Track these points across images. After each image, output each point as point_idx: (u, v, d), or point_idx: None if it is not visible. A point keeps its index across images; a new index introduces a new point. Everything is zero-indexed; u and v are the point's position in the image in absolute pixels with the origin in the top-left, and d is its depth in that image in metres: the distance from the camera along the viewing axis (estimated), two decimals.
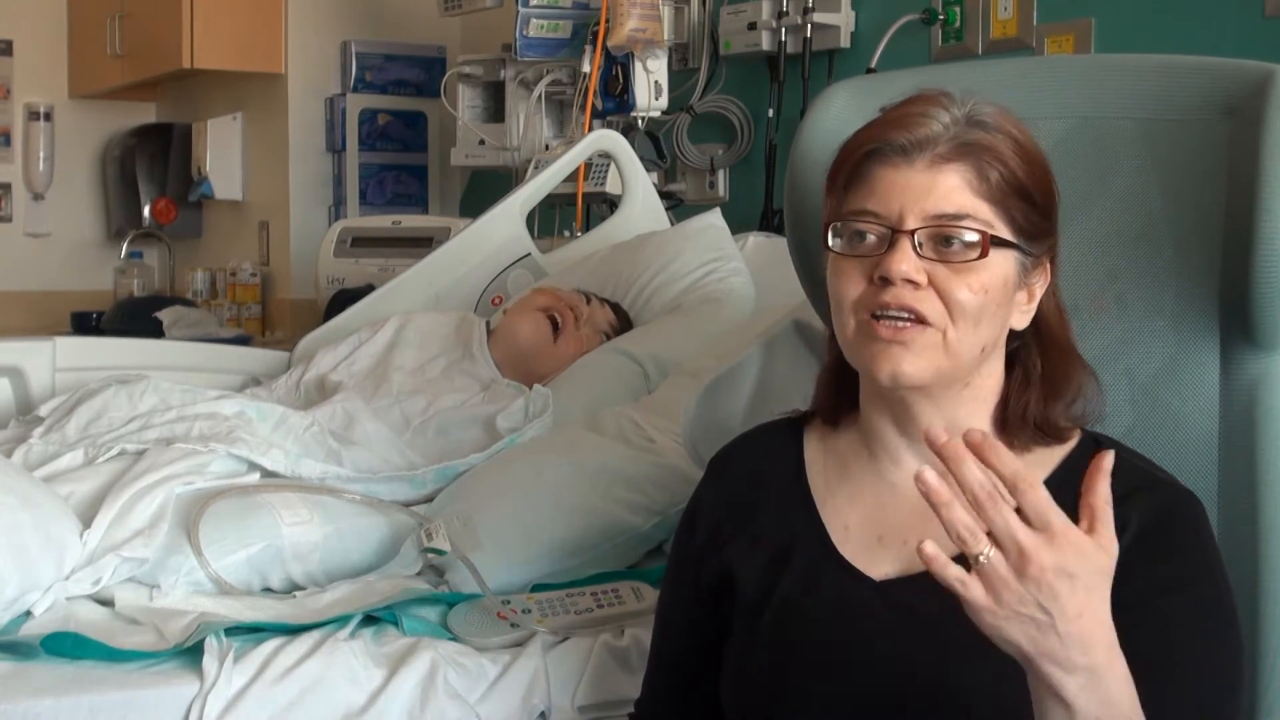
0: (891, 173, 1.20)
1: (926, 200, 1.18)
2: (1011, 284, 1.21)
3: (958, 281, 1.18)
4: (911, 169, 1.19)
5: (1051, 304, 1.27)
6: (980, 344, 1.20)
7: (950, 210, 1.18)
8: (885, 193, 1.20)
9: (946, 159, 1.19)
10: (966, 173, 1.19)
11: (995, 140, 1.20)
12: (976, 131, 1.20)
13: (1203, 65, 1.40)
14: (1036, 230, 1.22)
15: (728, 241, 2.73)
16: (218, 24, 4.33)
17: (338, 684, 1.55)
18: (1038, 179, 1.23)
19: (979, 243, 1.18)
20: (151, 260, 5.32)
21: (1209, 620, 1.16)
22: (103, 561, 1.70)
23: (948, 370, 1.20)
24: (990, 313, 1.20)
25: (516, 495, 1.91)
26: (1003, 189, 1.20)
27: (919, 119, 1.20)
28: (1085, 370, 1.27)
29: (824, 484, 1.32)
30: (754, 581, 1.29)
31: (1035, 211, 1.22)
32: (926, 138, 1.19)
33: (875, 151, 1.21)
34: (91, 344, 2.70)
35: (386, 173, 4.47)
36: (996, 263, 1.19)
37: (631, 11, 3.16)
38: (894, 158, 1.20)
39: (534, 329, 2.45)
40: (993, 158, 1.19)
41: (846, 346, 1.24)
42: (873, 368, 1.20)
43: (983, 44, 2.84)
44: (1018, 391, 1.25)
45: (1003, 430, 1.25)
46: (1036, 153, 1.24)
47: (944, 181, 1.19)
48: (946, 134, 1.20)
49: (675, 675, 1.40)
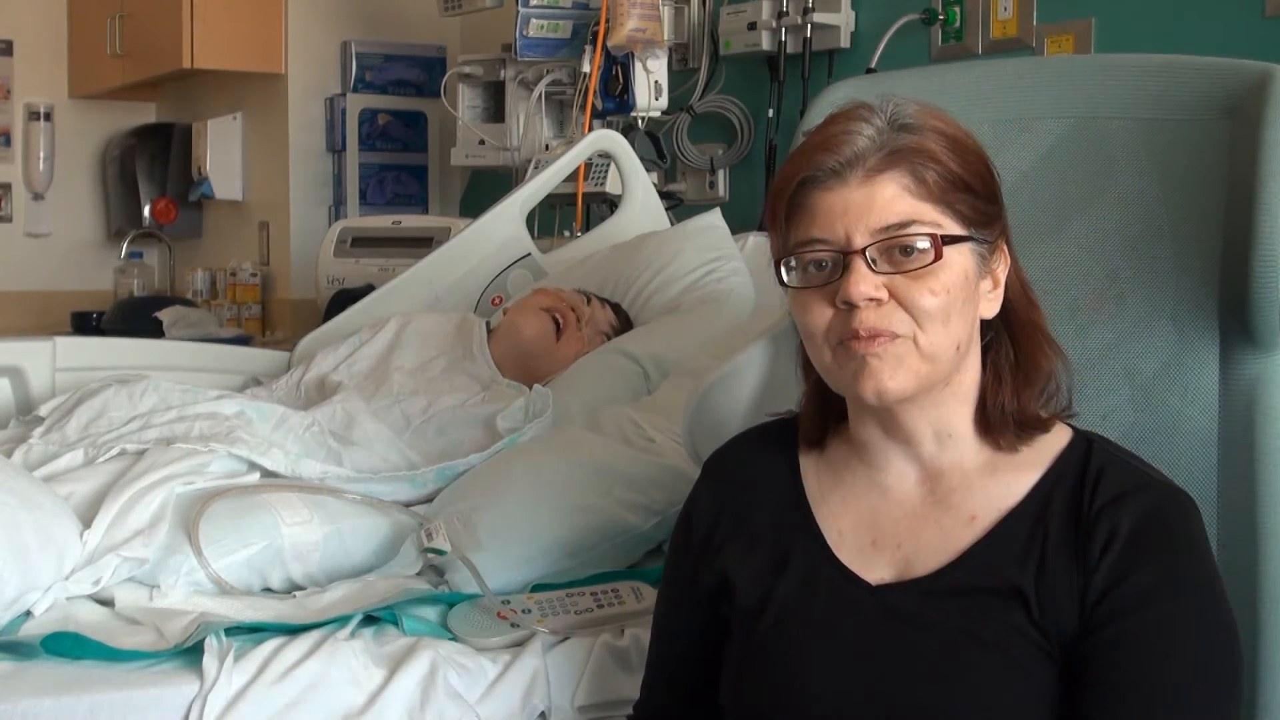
0: (829, 196, 1.19)
1: (869, 215, 1.18)
2: (973, 277, 1.21)
3: (918, 288, 1.18)
4: (847, 188, 1.19)
5: (1016, 284, 1.26)
6: (954, 342, 1.20)
7: (895, 220, 1.18)
8: (826, 217, 1.19)
9: (879, 170, 1.18)
10: (902, 179, 1.19)
11: (923, 140, 1.20)
12: (903, 136, 1.20)
13: (1203, 65, 1.40)
14: (984, 217, 1.22)
15: (728, 241, 2.73)
16: (218, 24, 4.33)
17: (338, 684, 1.55)
18: (974, 168, 1.22)
19: (931, 247, 1.18)
20: (151, 260, 5.32)
21: (1203, 622, 1.16)
22: (103, 561, 1.70)
23: (928, 375, 1.20)
24: (957, 310, 1.19)
25: (516, 495, 1.91)
26: (941, 186, 1.19)
27: (843, 137, 1.20)
28: (1054, 350, 1.26)
29: (818, 488, 1.32)
30: (751, 585, 1.29)
31: (979, 199, 1.21)
32: (855, 154, 1.19)
33: (808, 179, 1.20)
34: (91, 344, 2.70)
35: (386, 173, 4.47)
36: (954, 260, 1.19)
37: (631, 11, 3.16)
38: (828, 181, 1.19)
39: (535, 329, 2.44)
40: (925, 158, 1.19)
41: (827, 374, 1.24)
42: (856, 387, 1.20)
43: (983, 44, 2.84)
44: (993, 387, 1.25)
45: (986, 431, 1.25)
46: (967, 140, 1.23)
47: (882, 192, 1.18)
48: (874, 145, 1.19)
49: (673, 678, 1.40)
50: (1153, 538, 1.17)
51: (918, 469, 1.27)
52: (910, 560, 1.24)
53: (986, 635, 1.18)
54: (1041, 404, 1.26)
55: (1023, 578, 1.19)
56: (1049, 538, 1.20)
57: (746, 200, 3.36)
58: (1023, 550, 1.20)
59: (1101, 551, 1.17)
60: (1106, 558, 1.17)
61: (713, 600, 1.33)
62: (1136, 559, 1.16)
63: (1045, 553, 1.19)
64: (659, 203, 3.06)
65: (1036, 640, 1.17)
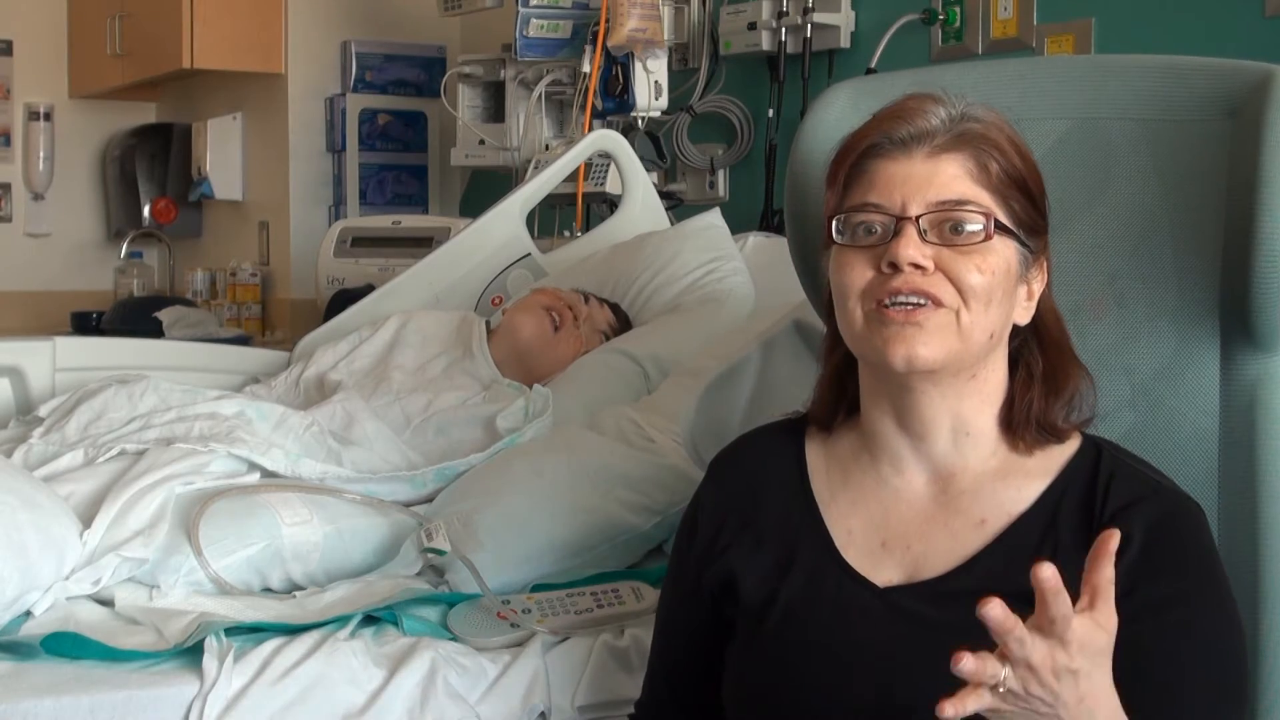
0: (891, 165, 1.22)
1: (928, 189, 1.20)
2: (1014, 273, 1.22)
3: (965, 263, 1.19)
4: (911, 160, 1.21)
5: (1049, 306, 1.28)
6: (990, 329, 1.21)
7: (952, 197, 1.19)
8: (886, 185, 1.21)
9: (945, 149, 1.21)
10: (966, 162, 1.21)
11: (991, 132, 1.23)
12: (973, 124, 1.22)
13: (1203, 65, 1.40)
14: (1034, 225, 1.24)
15: (728, 241, 2.73)
16: (218, 24, 4.33)
17: (338, 684, 1.55)
18: (1033, 174, 1.25)
19: (983, 228, 1.19)
20: (151, 260, 5.32)
21: (1214, 629, 1.16)
22: (103, 561, 1.70)
23: (959, 353, 1.20)
24: (998, 297, 1.20)
25: (516, 495, 1.91)
26: (1002, 179, 1.22)
27: (916, 113, 1.22)
28: (1082, 371, 1.28)
29: (826, 489, 1.31)
30: (757, 586, 1.29)
31: (1032, 206, 1.24)
32: (925, 130, 1.21)
33: (874, 146, 1.23)
34: (91, 344, 2.70)
35: (386, 173, 4.47)
36: (999, 248, 1.20)
37: (631, 11, 3.16)
38: (893, 151, 1.22)
39: (534, 328, 2.44)
40: (991, 147, 1.22)
41: (854, 338, 1.24)
42: (886, 352, 1.20)
43: (983, 44, 2.84)
44: (1022, 389, 1.25)
45: (1008, 430, 1.25)
46: (1029, 152, 1.26)
47: (944, 170, 1.20)
48: (944, 127, 1.22)
49: (675, 678, 1.40)
50: (1164, 546, 1.17)
51: (928, 469, 1.26)
52: (919, 563, 1.24)
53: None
54: (1064, 415, 1.26)
55: None
56: (1059, 544, 1.20)
57: (746, 200, 3.35)
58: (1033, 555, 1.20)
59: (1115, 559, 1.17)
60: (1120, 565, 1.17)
61: (716, 600, 1.33)
62: (1147, 568, 1.16)
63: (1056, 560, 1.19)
64: (659, 203, 3.06)
65: None
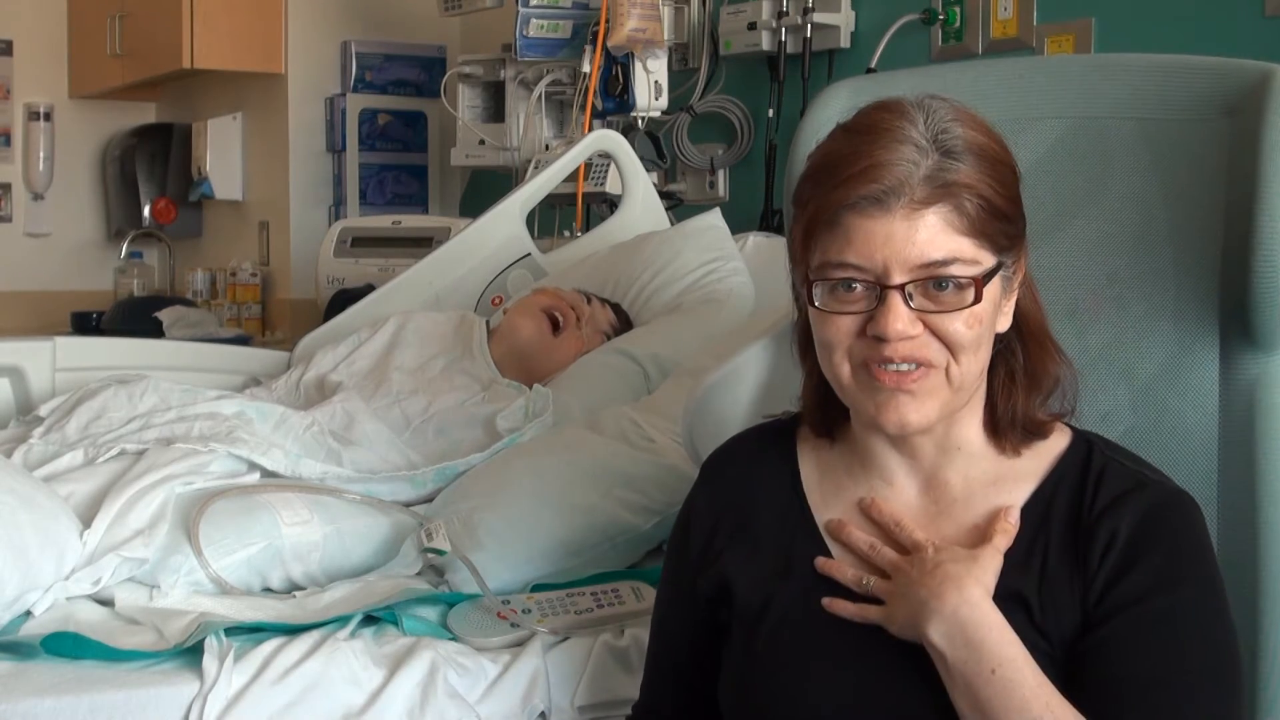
0: (869, 223, 1.16)
1: (909, 250, 1.15)
2: (998, 301, 1.21)
3: (953, 320, 1.17)
4: (890, 217, 1.15)
5: (1026, 291, 1.26)
6: (980, 368, 1.21)
7: (937, 257, 1.15)
8: (866, 245, 1.16)
9: (924, 203, 1.15)
10: (945, 213, 1.16)
11: (966, 171, 1.16)
12: (948, 164, 1.16)
13: (1203, 65, 1.40)
14: (1013, 240, 1.21)
15: (728, 241, 2.73)
16: (218, 24, 4.33)
17: (338, 684, 1.55)
18: (1008, 190, 1.20)
19: (972, 290, 1.16)
20: (151, 260, 5.32)
21: (1202, 618, 1.16)
22: (103, 561, 1.70)
23: (952, 404, 1.20)
24: (986, 338, 1.20)
25: (516, 495, 1.91)
26: (981, 218, 1.17)
27: (885, 166, 1.15)
28: (1061, 356, 1.27)
29: (819, 493, 1.31)
30: (752, 591, 1.29)
31: (1010, 224, 1.20)
32: (900, 182, 1.15)
33: (850, 205, 1.17)
34: (91, 344, 2.70)
35: (386, 173, 4.47)
36: (986, 293, 1.18)
37: (631, 11, 3.16)
38: (869, 209, 1.16)
39: (535, 328, 2.44)
40: (969, 193, 1.16)
41: (842, 390, 1.22)
42: (879, 419, 1.19)
43: (983, 44, 2.84)
44: (1004, 392, 1.24)
45: (994, 434, 1.25)
46: (1002, 155, 1.21)
47: (924, 226, 1.15)
48: (918, 171, 1.15)
49: (672, 680, 1.40)
50: (1151, 537, 1.17)
51: (919, 480, 1.27)
52: None
53: None
54: (1045, 407, 1.26)
55: (1024, 582, 1.19)
56: (1051, 542, 1.20)
57: (746, 200, 3.35)
58: (1024, 556, 1.20)
59: (1102, 554, 1.17)
60: (1107, 559, 1.17)
61: (712, 605, 1.33)
62: (1135, 558, 1.17)
63: (1047, 557, 1.20)
64: (659, 203, 3.06)
65: (1038, 644, 1.17)
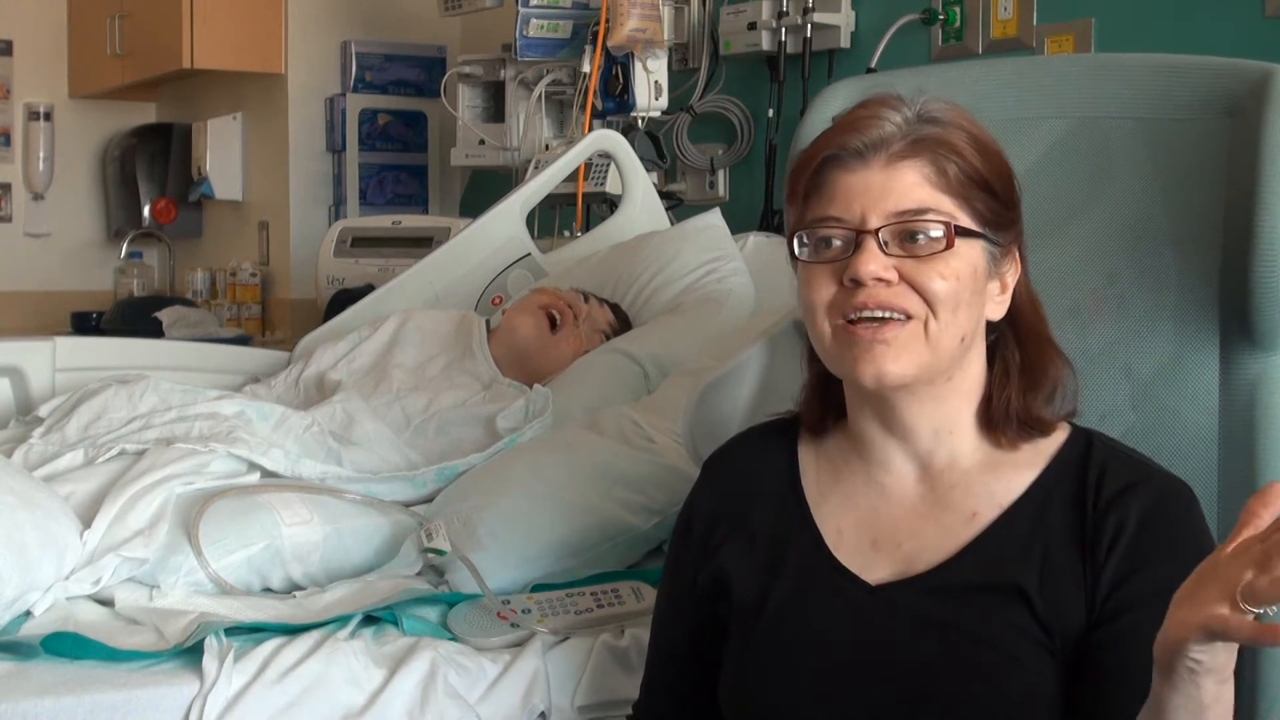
0: (849, 177, 1.21)
1: (887, 199, 1.19)
2: (982, 274, 1.22)
3: (928, 271, 1.18)
4: (868, 170, 1.20)
5: (1025, 294, 1.27)
6: (960, 333, 1.21)
7: (912, 206, 1.19)
8: (845, 197, 1.20)
9: (902, 156, 1.20)
10: (924, 168, 1.20)
11: (949, 134, 1.21)
12: (930, 127, 1.21)
13: (1203, 65, 1.40)
14: (1000, 220, 1.23)
15: (728, 241, 2.73)
16: (218, 24, 4.33)
17: (338, 684, 1.55)
18: (996, 170, 1.23)
19: (944, 235, 1.19)
20: (151, 260, 5.32)
21: None
22: (103, 561, 1.70)
23: (930, 364, 1.20)
24: (965, 300, 1.20)
25: (516, 495, 1.91)
26: (962, 181, 1.20)
27: (871, 121, 1.21)
28: (1062, 359, 1.27)
29: (817, 488, 1.32)
30: (750, 585, 1.29)
31: (997, 201, 1.23)
32: (880, 138, 1.20)
33: (831, 158, 1.22)
34: (91, 344, 2.70)
35: (386, 173, 4.47)
36: (964, 252, 1.20)
37: (631, 11, 3.16)
38: (850, 162, 1.21)
39: (533, 326, 2.44)
40: (949, 151, 1.20)
41: (825, 354, 1.24)
42: (855, 371, 1.20)
43: (983, 44, 2.84)
44: (999, 385, 1.25)
45: (988, 427, 1.25)
46: (992, 145, 1.24)
47: (902, 178, 1.19)
48: (900, 133, 1.21)
49: (673, 677, 1.40)
50: (1160, 531, 1.18)
51: (917, 466, 1.27)
52: (911, 558, 1.24)
53: (988, 632, 1.18)
54: (1046, 407, 1.26)
55: (1025, 574, 1.19)
56: (1052, 534, 1.20)
57: (746, 200, 3.35)
58: (1025, 546, 1.20)
59: (1109, 547, 1.18)
60: (1115, 552, 1.17)
61: (711, 600, 1.33)
62: (1146, 553, 1.17)
63: (1049, 549, 1.20)
64: (659, 203, 3.06)
65: (1039, 637, 1.17)
